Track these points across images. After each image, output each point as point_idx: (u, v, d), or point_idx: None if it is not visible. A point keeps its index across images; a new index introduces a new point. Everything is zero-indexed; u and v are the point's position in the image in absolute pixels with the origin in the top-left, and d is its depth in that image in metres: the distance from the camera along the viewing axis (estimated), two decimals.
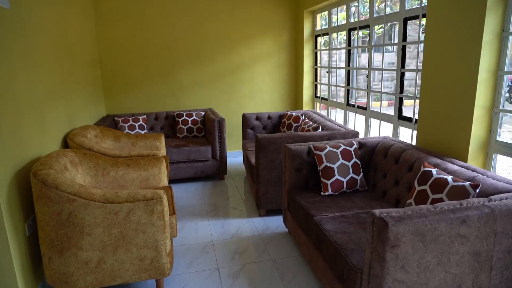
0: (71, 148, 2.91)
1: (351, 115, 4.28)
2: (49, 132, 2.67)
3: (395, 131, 3.30)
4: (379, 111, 3.53)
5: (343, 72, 4.33)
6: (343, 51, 4.33)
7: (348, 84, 4.21)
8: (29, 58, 2.35)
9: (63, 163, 2.29)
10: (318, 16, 4.92)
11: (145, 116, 4.66)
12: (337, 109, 4.61)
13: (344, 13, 4.26)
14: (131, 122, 4.50)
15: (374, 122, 3.82)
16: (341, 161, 2.61)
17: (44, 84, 2.60)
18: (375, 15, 3.52)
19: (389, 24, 3.41)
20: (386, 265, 1.49)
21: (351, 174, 2.62)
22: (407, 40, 3.11)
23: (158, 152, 2.95)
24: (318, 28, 4.96)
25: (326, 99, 4.85)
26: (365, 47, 3.76)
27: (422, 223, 1.48)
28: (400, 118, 3.22)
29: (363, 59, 7.45)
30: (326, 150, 2.64)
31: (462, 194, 1.79)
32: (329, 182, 2.58)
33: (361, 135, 4.10)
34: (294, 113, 4.32)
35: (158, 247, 2.11)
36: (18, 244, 2.04)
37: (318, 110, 5.22)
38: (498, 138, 2.25)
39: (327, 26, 4.69)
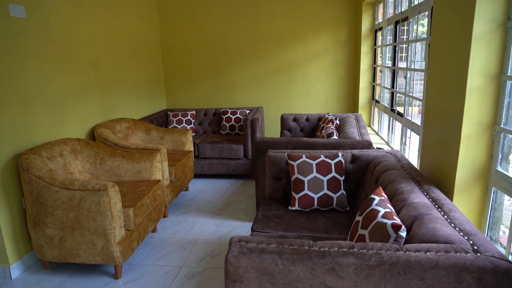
0: (96, 138, 3.33)
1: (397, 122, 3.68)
2: (72, 122, 3.11)
3: (421, 145, 2.71)
4: (411, 118, 2.95)
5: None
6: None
7: (393, 86, 3.62)
8: (43, 60, 2.78)
9: (58, 150, 2.65)
10: (379, 8, 4.34)
11: (194, 112, 4.94)
12: (384, 115, 4.02)
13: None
14: (179, 117, 4.84)
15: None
16: (314, 174, 2.30)
17: (64, 82, 3.03)
18: (412, 5, 2.93)
19: None
20: None
21: (325, 191, 2.28)
22: None
23: (161, 147, 3.12)
24: (378, 21, 4.38)
25: (378, 102, 4.28)
26: (402, 43, 3.16)
27: (271, 261, 1.22)
28: None
29: None
30: (299, 160, 2.36)
31: (381, 235, 1.39)
32: (297, 196, 2.30)
33: (397, 148, 3.50)
34: (330, 116, 3.95)
35: (107, 235, 2.26)
36: (11, 214, 2.46)
37: (374, 114, 4.64)
38: (498, 168, 1.64)
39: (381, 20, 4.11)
